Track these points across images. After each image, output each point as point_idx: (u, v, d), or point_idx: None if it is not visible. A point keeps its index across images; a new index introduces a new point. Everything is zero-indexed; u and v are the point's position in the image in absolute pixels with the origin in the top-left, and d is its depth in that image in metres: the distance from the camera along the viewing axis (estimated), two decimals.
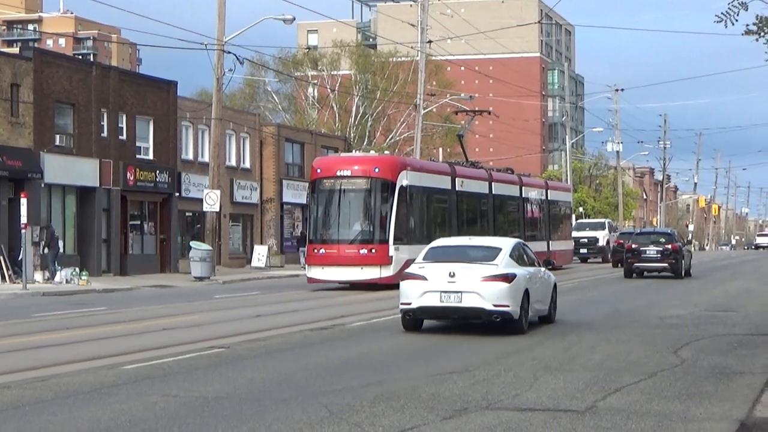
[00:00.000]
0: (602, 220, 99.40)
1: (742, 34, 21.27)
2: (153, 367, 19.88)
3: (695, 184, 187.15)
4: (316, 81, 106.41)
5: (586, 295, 42.15)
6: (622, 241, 70.22)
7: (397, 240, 42.33)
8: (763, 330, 27.47)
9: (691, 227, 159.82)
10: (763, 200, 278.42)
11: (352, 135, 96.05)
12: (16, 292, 44.91)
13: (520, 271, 27.46)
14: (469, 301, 27.06)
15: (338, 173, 44.00)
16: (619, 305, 36.11)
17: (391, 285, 38.99)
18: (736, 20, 20.80)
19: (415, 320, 28.19)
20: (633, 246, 61.40)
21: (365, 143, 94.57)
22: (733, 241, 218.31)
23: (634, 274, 59.09)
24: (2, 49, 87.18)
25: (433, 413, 14.55)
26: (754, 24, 21.19)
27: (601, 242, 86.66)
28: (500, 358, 21.17)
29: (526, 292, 27.38)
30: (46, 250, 50.44)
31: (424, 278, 27.62)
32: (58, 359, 21.23)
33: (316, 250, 43.32)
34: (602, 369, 19.29)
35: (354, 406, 15.09)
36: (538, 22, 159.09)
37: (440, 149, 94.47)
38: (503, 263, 27.81)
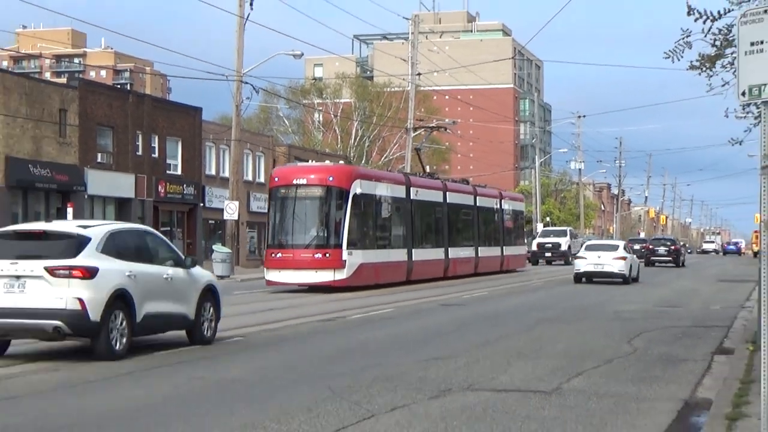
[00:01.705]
0: (565, 228, 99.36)
1: (687, 69, 21.22)
2: (178, 353, 19.92)
3: (646, 197, 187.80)
4: (321, 108, 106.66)
5: (549, 293, 42.15)
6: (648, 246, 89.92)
7: (351, 245, 40.35)
8: (704, 323, 27.55)
9: (642, 235, 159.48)
10: (704, 212, 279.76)
11: (352, 154, 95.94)
12: None
13: (630, 255, 52.08)
14: (608, 269, 50.09)
15: (294, 181, 41.65)
16: (582, 301, 36.11)
17: (344, 288, 38.82)
18: (682, 56, 20.80)
19: (580, 277, 50.08)
20: (650, 247, 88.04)
21: (363, 161, 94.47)
22: None
23: (654, 264, 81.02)
24: (52, 80, 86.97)
25: (422, 393, 14.61)
26: (697, 60, 21.17)
27: (563, 247, 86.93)
28: (479, 346, 21.19)
29: (632, 266, 50.81)
30: None
31: (585, 258, 50.36)
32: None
33: (273, 254, 41.43)
34: (566, 356, 19.32)
35: (353, 387, 15.13)
36: (512, 58, 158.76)
37: (428, 166, 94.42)
38: (621, 251, 51.46)
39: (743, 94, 10.28)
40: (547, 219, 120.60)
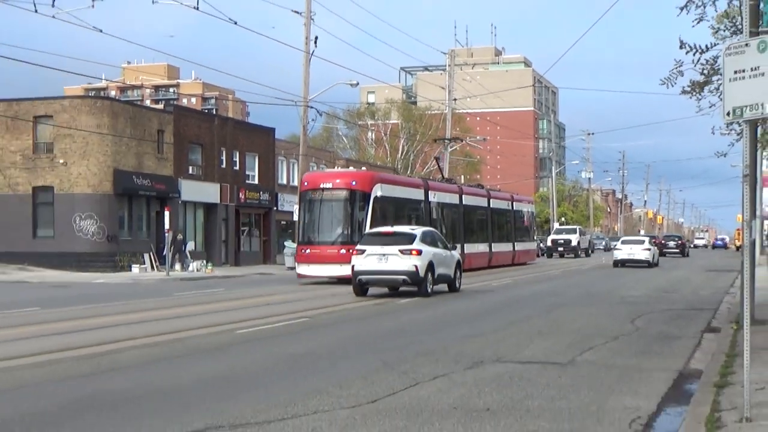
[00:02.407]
0: (575, 227, 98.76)
1: (680, 94, 21.12)
2: (258, 332, 20.02)
3: (645, 201, 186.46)
4: (373, 128, 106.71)
5: (565, 282, 41.91)
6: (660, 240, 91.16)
7: None
8: (695, 306, 27.30)
9: (642, 232, 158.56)
10: (694, 213, 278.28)
11: (399, 166, 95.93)
12: (162, 277, 45.19)
13: (653, 247, 58.35)
14: (638, 257, 57.72)
15: (321, 186, 39.96)
16: (591, 289, 35.90)
17: None
18: (675, 83, 20.70)
19: (617, 263, 57.39)
20: (663, 242, 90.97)
21: (408, 172, 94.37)
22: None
23: (666, 254, 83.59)
24: (151, 106, 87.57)
25: (459, 365, 14.61)
26: (688, 86, 21.04)
27: (574, 243, 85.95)
28: (506, 326, 21.12)
29: (654, 255, 58.54)
30: (178, 255, 50.74)
31: (621, 249, 57.27)
32: (191, 326, 21.32)
33: (303, 251, 39.53)
34: (579, 334, 19.22)
35: (401, 360, 15.16)
36: (532, 85, 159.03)
37: (462, 175, 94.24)
38: (647, 244, 59.21)
39: (728, 114, 10.21)
40: (562, 219, 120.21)
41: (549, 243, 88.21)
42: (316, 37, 49.38)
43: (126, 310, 25.76)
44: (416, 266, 29.82)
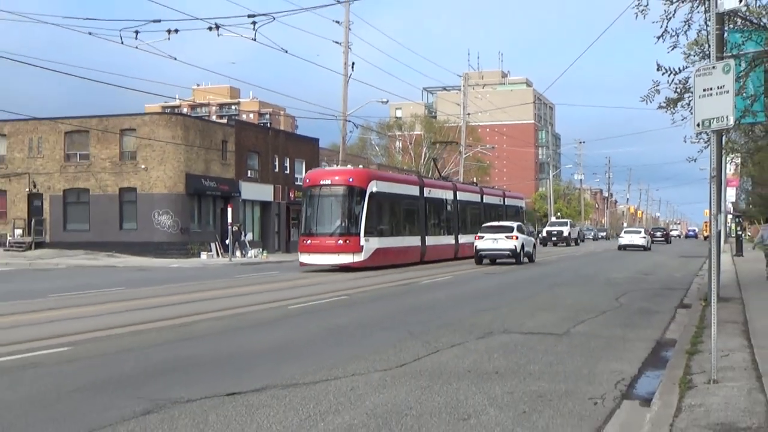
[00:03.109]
0: (566, 220, 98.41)
1: (657, 108, 21.04)
2: (306, 307, 20.02)
3: (627, 198, 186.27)
4: (400, 138, 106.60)
5: (560, 266, 41.75)
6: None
7: (368, 233, 35.84)
8: (670, 286, 27.16)
9: (625, 224, 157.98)
10: (669, 208, 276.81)
11: (422, 170, 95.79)
12: (225, 263, 45.36)
13: (647, 236, 65.84)
14: (636, 242, 66.05)
15: (321, 182, 36.98)
16: (582, 272, 35.77)
17: (362, 267, 35.32)
18: (653, 100, 20.61)
19: (621, 247, 63.76)
20: (651, 232, 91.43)
21: (429, 174, 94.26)
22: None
23: (654, 242, 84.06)
24: (217, 121, 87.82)
25: (472, 335, 14.61)
26: (664, 102, 20.96)
27: (565, 233, 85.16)
28: (511, 302, 21.09)
29: (648, 241, 63.68)
30: (236, 244, 50.89)
31: (624, 237, 65.33)
32: (251, 302, 21.35)
33: (305, 241, 36.57)
34: (573, 309, 19.16)
35: (425, 331, 15.17)
36: (533, 102, 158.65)
37: (474, 177, 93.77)
38: (643, 233, 65.60)
39: (698, 125, 10.17)
40: (558, 214, 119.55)
41: (544, 234, 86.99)
42: (353, 63, 49.26)
43: (197, 290, 25.91)
44: (515, 246, 40.71)
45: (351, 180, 36.76)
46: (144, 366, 11.65)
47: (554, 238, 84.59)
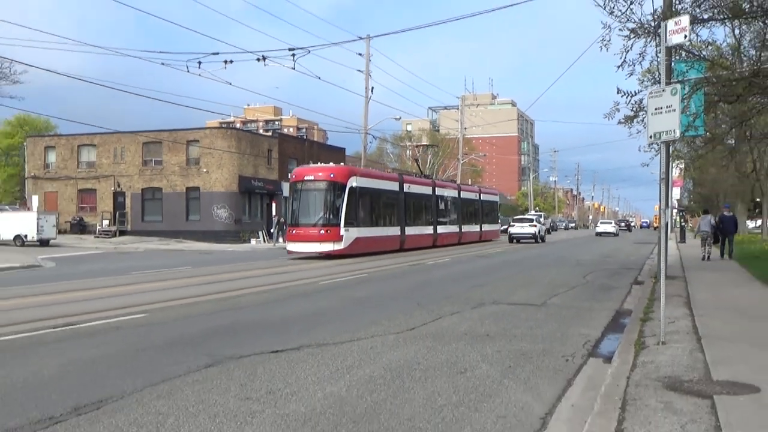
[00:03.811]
0: (540, 213, 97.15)
1: (617, 124, 20.88)
2: (334, 283, 20.00)
3: (592, 196, 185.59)
4: (410, 147, 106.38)
5: (529, 254, 41.62)
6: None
7: (348, 224, 32.60)
8: (627, 267, 27.05)
9: (590, 218, 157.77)
10: (626, 204, 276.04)
11: (427, 173, 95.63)
12: (270, 247, 45.34)
13: (617, 226, 70.14)
14: (609, 230, 73.13)
15: (306, 178, 33.05)
16: (555, 255, 35.65)
17: (342, 255, 32.37)
18: (614, 117, 20.47)
19: (598, 234, 67.76)
20: (618, 223, 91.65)
21: (434, 176, 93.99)
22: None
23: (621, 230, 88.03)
24: (263, 134, 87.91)
25: (467, 305, 14.58)
26: (623, 119, 20.83)
27: (535, 232, 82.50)
28: (499, 280, 21.02)
29: (618, 229, 68.52)
30: (279, 232, 50.93)
31: (599, 226, 70.94)
32: (289, 279, 21.33)
33: (291, 231, 33.02)
34: (549, 285, 19.11)
35: (430, 302, 15.14)
36: (516, 119, 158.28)
37: (470, 180, 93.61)
38: (614, 224, 72.45)
39: (650, 137, 10.11)
40: (537, 208, 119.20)
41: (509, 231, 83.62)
42: (372, 87, 49.05)
43: (247, 268, 25.98)
44: (535, 231, 50.23)
45: (332, 176, 33.26)
46: (204, 329, 11.70)
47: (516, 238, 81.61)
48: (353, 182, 33.51)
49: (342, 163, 41.17)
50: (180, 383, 8.04)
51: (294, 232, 32.81)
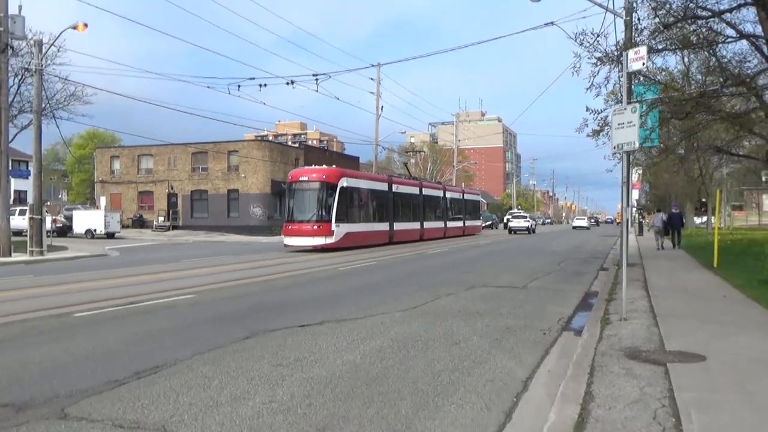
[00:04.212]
0: (526, 213, 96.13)
1: (587, 136, 20.78)
2: (350, 269, 19.91)
3: (566, 197, 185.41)
4: (413, 157, 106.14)
5: (511, 245, 41.46)
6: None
7: (339, 220, 30.28)
8: (594, 256, 26.88)
9: (564, 215, 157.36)
10: (593, 203, 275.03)
11: (428, 177, 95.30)
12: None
13: (591, 222, 73.58)
14: (584, 224, 69.91)
15: (300, 179, 30.59)
16: (534, 246, 35.45)
17: (333, 248, 30.14)
18: (584, 131, 20.39)
19: (576, 228, 65.02)
20: (590, 219, 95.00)
21: (446, 180, 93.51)
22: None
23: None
24: (291, 146, 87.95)
25: (461, 288, 14.51)
26: (591, 132, 20.74)
27: (529, 225, 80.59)
28: (487, 266, 20.96)
29: (592, 224, 74.84)
30: None
31: (578, 222, 69.27)
32: (313, 266, 21.16)
33: (288, 227, 30.43)
34: (530, 271, 19.04)
35: (429, 285, 15.10)
36: (502, 132, 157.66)
37: (462, 183, 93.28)
38: (587, 220, 73.19)
39: (614, 148, 10.06)
40: (519, 207, 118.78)
41: (506, 220, 80.00)
42: (382, 106, 49.33)
43: (276, 257, 25.95)
44: (529, 225, 54.32)
45: (324, 177, 30.85)
46: (243, 307, 11.71)
47: (514, 230, 79.68)
48: (344, 183, 31.24)
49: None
50: (222, 352, 8.05)
51: (290, 227, 30.59)
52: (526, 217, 59.06)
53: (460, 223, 50.39)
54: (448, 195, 49.04)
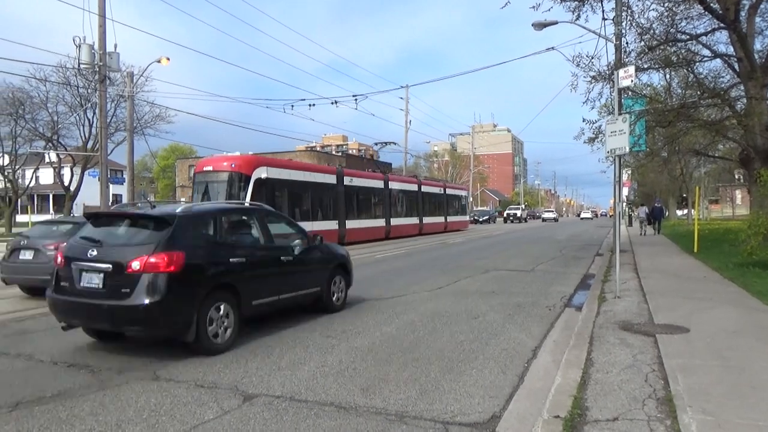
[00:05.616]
0: (521, 205, 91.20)
1: (583, 143, 20.58)
2: (384, 257, 19.72)
3: (566, 194, 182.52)
4: (436, 162, 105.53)
5: (514, 235, 40.91)
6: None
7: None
8: (591, 243, 26.39)
9: (564, 210, 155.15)
10: (589, 200, 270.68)
11: (448, 180, 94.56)
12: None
13: (592, 215, 74.06)
14: (586, 216, 70.88)
15: (205, 169, 21.20)
16: (537, 235, 34.96)
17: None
18: (581, 138, 20.12)
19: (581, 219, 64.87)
20: (593, 212, 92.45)
21: (453, 180, 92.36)
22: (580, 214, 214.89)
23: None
24: (334, 154, 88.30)
25: (477, 272, 14.39)
26: (587, 139, 20.45)
27: (519, 214, 71.11)
28: (498, 253, 20.74)
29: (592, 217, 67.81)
30: None
31: (582, 214, 67.00)
32: (355, 254, 20.78)
33: None
34: (535, 256, 18.80)
35: (449, 270, 14.97)
36: (511, 140, 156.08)
37: (478, 184, 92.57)
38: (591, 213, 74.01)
39: (607, 152, 9.89)
40: (525, 203, 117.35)
41: (505, 214, 73.46)
42: (410, 120, 49.06)
43: None
44: (522, 215, 53.65)
45: (234, 166, 21.27)
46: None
47: (511, 218, 70.51)
48: (262, 173, 22.00)
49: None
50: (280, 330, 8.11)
51: None
52: (519, 209, 71.18)
53: (440, 219, 38.47)
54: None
